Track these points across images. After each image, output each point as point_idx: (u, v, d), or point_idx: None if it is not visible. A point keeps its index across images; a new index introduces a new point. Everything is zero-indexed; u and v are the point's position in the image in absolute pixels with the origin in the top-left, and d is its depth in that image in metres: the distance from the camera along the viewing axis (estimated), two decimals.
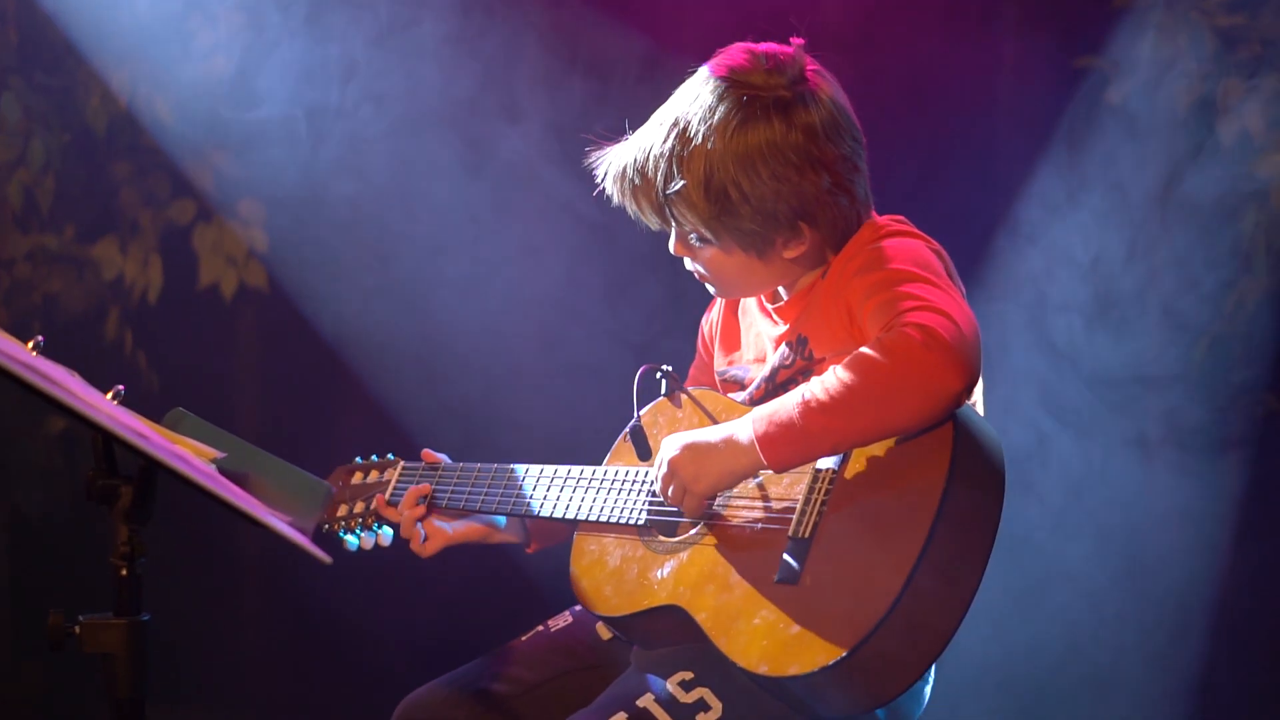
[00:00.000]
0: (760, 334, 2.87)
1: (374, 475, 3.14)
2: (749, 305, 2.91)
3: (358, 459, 3.18)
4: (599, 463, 2.93)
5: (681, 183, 2.67)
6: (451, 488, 3.02)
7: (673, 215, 2.72)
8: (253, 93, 4.78)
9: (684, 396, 2.85)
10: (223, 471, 2.21)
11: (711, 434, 2.62)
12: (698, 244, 2.75)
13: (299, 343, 5.00)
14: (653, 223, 2.77)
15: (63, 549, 5.01)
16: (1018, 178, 4.48)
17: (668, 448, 2.66)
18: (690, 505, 2.65)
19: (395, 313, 4.90)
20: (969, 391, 2.47)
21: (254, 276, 5.00)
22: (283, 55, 4.76)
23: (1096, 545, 4.41)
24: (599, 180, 2.79)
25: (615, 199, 2.78)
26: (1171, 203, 4.33)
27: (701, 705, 2.62)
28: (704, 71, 2.73)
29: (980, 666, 4.31)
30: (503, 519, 3.06)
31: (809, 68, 2.71)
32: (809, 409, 2.49)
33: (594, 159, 2.80)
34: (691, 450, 2.63)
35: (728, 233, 2.70)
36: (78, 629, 2.15)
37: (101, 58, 4.84)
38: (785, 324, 2.79)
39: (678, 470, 2.63)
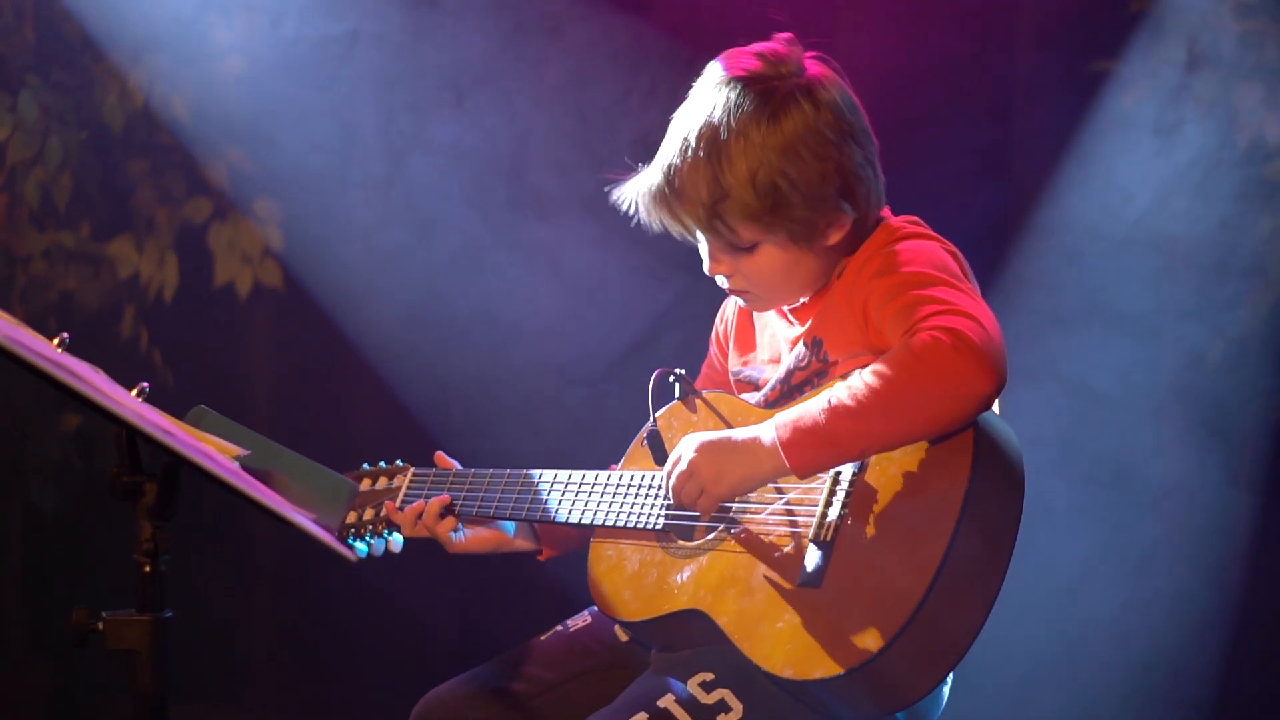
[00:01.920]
0: (775, 335, 2.86)
1: (383, 482, 3.13)
2: None
3: (365, 465, 3.17)
4: (612, 467, 2.93)
5: (728, 187, 2.64)
6: (464, 494, 3.00)
7: (722, 223, 2.68)
8: (269, 91, 4.79)
9: (698, 400, 2.85)
10: (247, 469, 2.21)
11: (734, 435, 2.61)
12: (745, 251, 2.71)
13: (314, 341, 5.01)
14: (698, 235, 2.72)
15: (77, 546, 5.01)
16: (1034, 182, 4.48)
17: (686, 446, 2.65)
18: (705, 505, 2.63)
19: (410, 311, 4.90)
20: (998, 394, 2.47)
21: (269, 275, 5.00)
22: (300, 53, 4.76)
23: (1110, 548, 4.41)
24: (629, 210, 2.75)
25: (654, 225, 2.75)
26: (1187, 207, 4.32)
27: (722, 706, 2.62)
28: (713, 78, 2.72)
29: (996, 669, 4.30)
30: (512, 527, 3.05)
31: (806, 55, 2.73)
32: (835, 413, 2.48)
33: (617, 196, 2.77)
34: (713, 450, 2.61)
35: (781, 225, 2.67)
36: (101, 625, 2.14)
37: (118, 56, 4.85)
38: (801, 325, 2.79)
39: (698, 469, 2.61)
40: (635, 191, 2.75)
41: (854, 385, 2.49)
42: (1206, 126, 4.31)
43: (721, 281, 2.79)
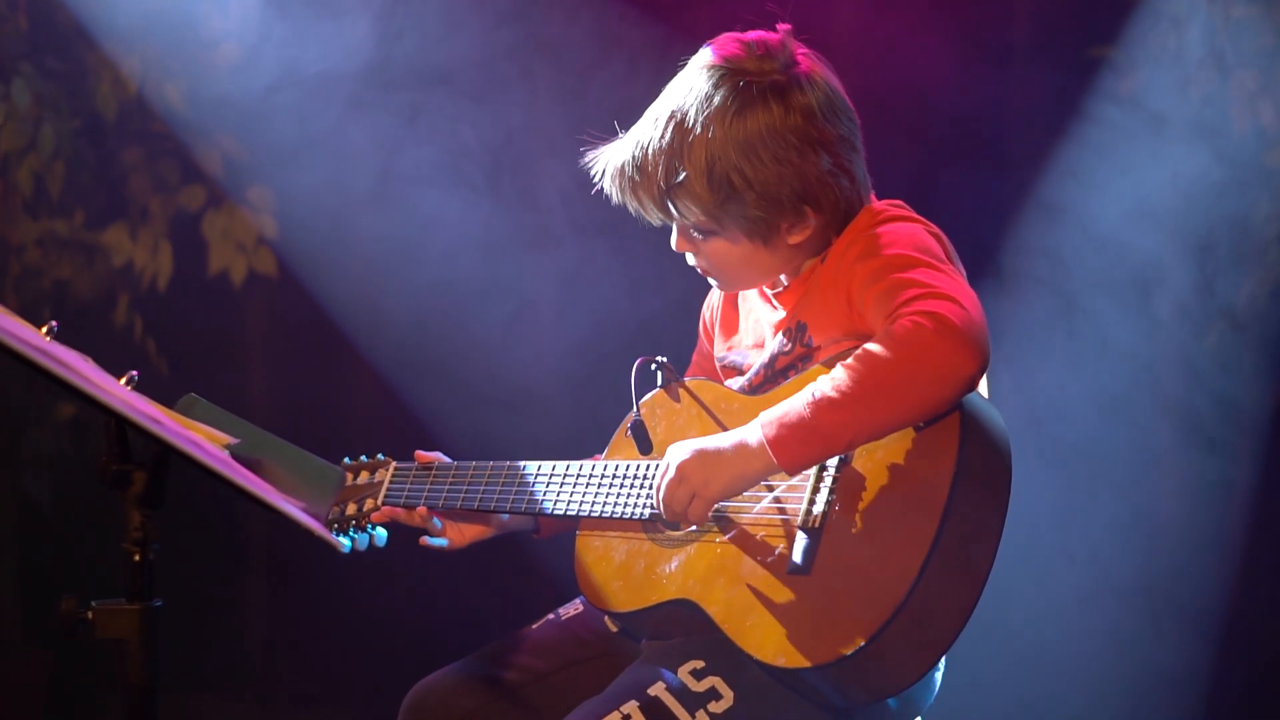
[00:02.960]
0: (759, 320, 2.86)
1: (364, 476, 3.10)
2: (749, 291, 2.90)
3: (346, 459, 3.15)
4: (595, 457, 2.92)
5: (684, 174, 2.66)
6: (448, 487, 2.99)
7: (676, 208, 2.70)
8: (263, 79, 4.78)
9: (681, 388, 2.84)
10: (236, 457, 2.20)
11: (721, 439, 2.59)
12: (701, 237, 2.74)
13: (308, 330, 5.00)
14: (654, 218, 2.76)
15: (72, 535, 5.01)
16: (1030, 168, 4.47)
17: (675, 453, 2.63)
18: (698, 510, 2.61)
19: (404, 299, 4.89)
20: (981, 375, 2.47)
21: (263, 263, 5.00)
22: (294, 40, 4.75)
23: (1103, 537, 4.40)
24: (596, 179, 2.78)
25: (615, 198, 2.77)
26: (1184, 194, 4.32)
27: (713, 694, 2.62)
28: (696, 62, 2.73)
29: (987, 658, 4.30)
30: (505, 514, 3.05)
31: (799, 51, 2.71)
32: (820, 407, 2.47)
33: (589, 160, 2.79)
34: (701, 456, 2.59)
35: (732, 221, 2.69)
36: (90, 614, 2.13)
37: (112, 43, 4.84)
38: (784, 310, 2.78)
39: (688, 476, 2.59)
40: (606, 161, 2.76)
41: (836, 376, 2.48)
42: (1204, 113, 4.30)
43: (691, 260, 2.81)
